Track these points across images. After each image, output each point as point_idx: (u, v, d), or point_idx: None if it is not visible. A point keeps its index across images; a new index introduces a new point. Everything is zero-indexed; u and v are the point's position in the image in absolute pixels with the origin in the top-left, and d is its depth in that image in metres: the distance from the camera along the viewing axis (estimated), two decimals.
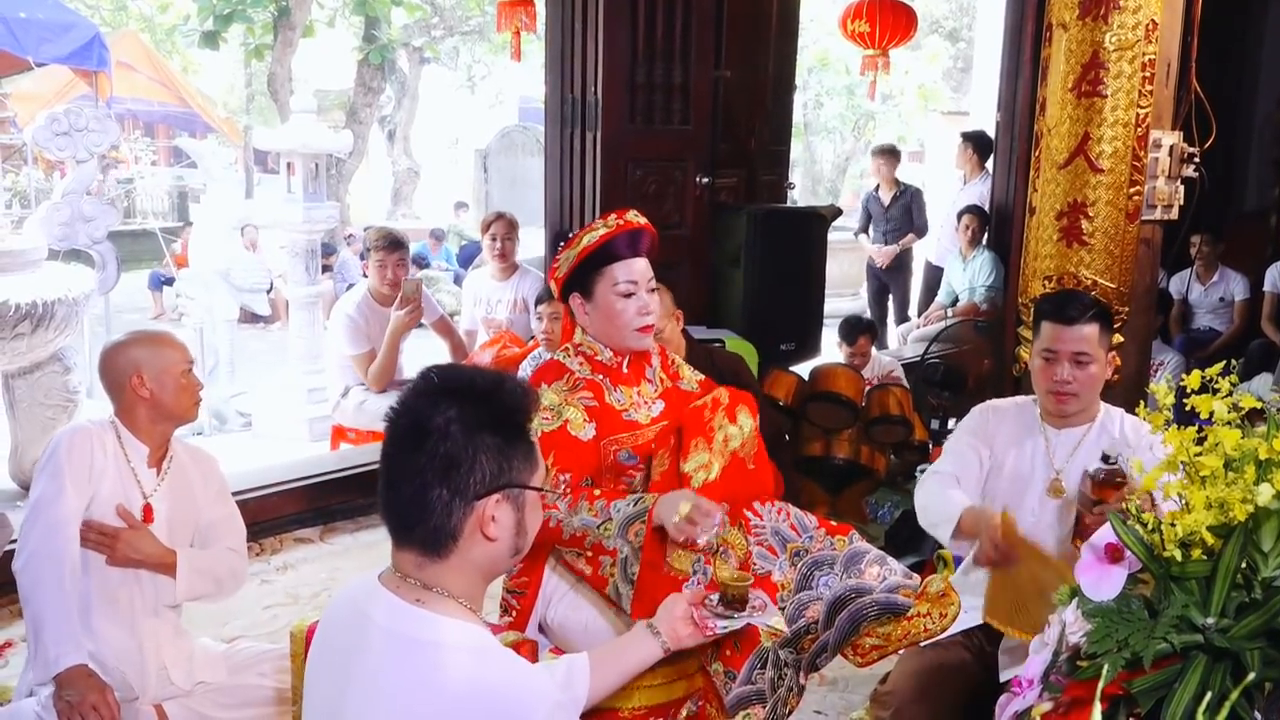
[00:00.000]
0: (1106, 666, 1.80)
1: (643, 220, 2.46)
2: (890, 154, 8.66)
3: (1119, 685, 1.81)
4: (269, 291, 10.12)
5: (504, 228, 5.43)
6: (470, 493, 1.44)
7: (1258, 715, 1.72)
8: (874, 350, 5.75)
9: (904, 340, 7.37)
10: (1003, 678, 2.65)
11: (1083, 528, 2.47)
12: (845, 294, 11.41)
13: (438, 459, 1.42)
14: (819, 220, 5.76)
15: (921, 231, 8.51)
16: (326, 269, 9.88)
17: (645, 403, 2.50)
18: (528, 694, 1.43)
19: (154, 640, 2.59)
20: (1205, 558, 1.88)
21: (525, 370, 4.53)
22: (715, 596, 2.06)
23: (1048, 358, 2.69)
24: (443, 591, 1.47)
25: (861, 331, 5.67)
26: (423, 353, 5.57)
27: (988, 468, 2.83)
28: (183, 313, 7.54)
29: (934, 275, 7.93)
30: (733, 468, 2.35)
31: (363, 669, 1.43)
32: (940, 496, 2.76)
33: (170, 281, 10.23)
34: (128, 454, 2.56)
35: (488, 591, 1.61)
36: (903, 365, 5.88)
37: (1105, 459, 2.47)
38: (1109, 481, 2.43)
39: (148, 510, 2.56)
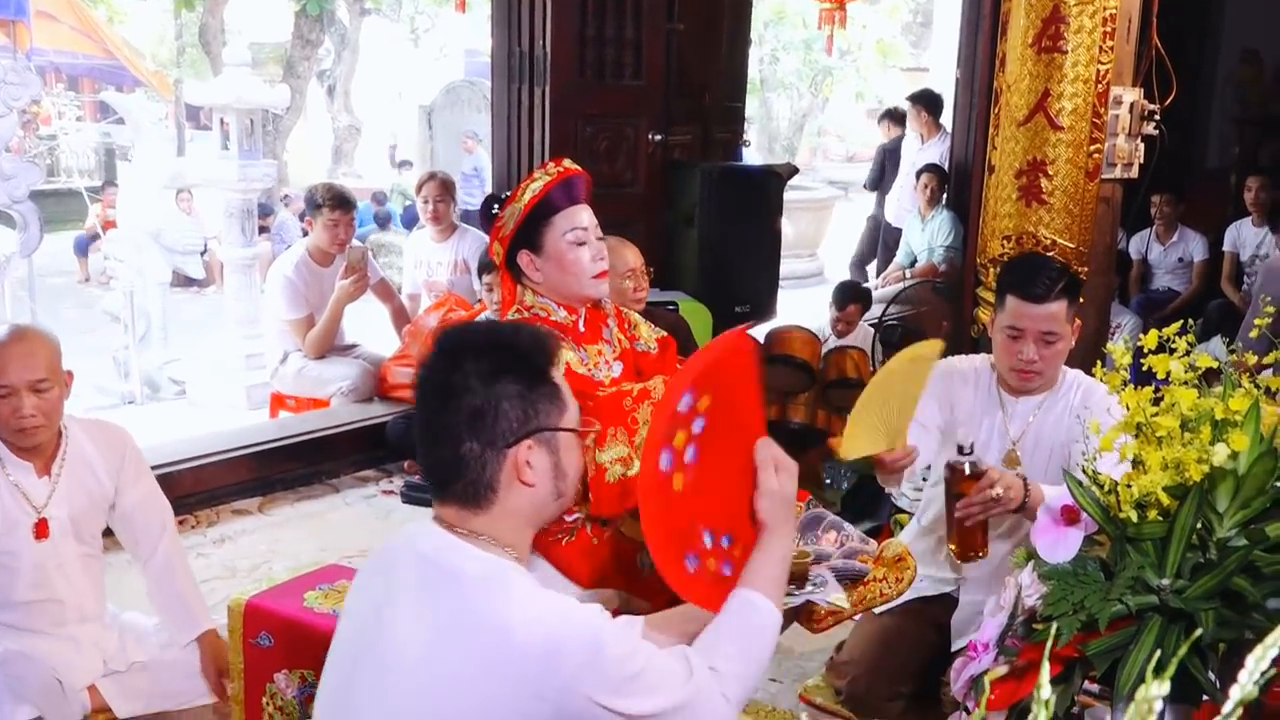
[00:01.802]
0: (1059, 627, 1.84)
1: (577, 167, 2.45)
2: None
3: (1074, 648, 1.85)
4: (203, 254, 9.98)
5: (437, 189, 5.38)
6: (500, 441, 1.49)
7: (1212, 676, 1.77)
8: (862, 321, 5.79)
9: None
10: (957, 644, 2.70)
11: (950, 520, 2.49)
12: (803, 255, 11.45)
13: (463, 413, 1.47)
14: (775, 179, 5.77)
15: None
16: (264, 230, 9.74)
17: (605, 363, 2.50)
18: (578, 621, 1.44)
19: (79, 640, 2.58)
20: (1161, 519, 1.92)
21: None
22: None
23: (1013, 335, 2.65)
24: (489, 540, 1.51)
25: (854, 298, 5.68)
26: (362, 317, 5.52)
27: (943, 430, 2.86)
28: (111, 276, 7.42)
29: (892, 236, 7.98)
30: None
31: (406, 598, 1.47)
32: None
33: (95, 241, 10.04)
34: (8, 472, 2.47)
35: None
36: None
37: (960, 450, 2.46)
38: (968, 474, 2.44)
39: (41, 526, 2.48)
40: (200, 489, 4.51)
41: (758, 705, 3.05)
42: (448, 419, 1.49)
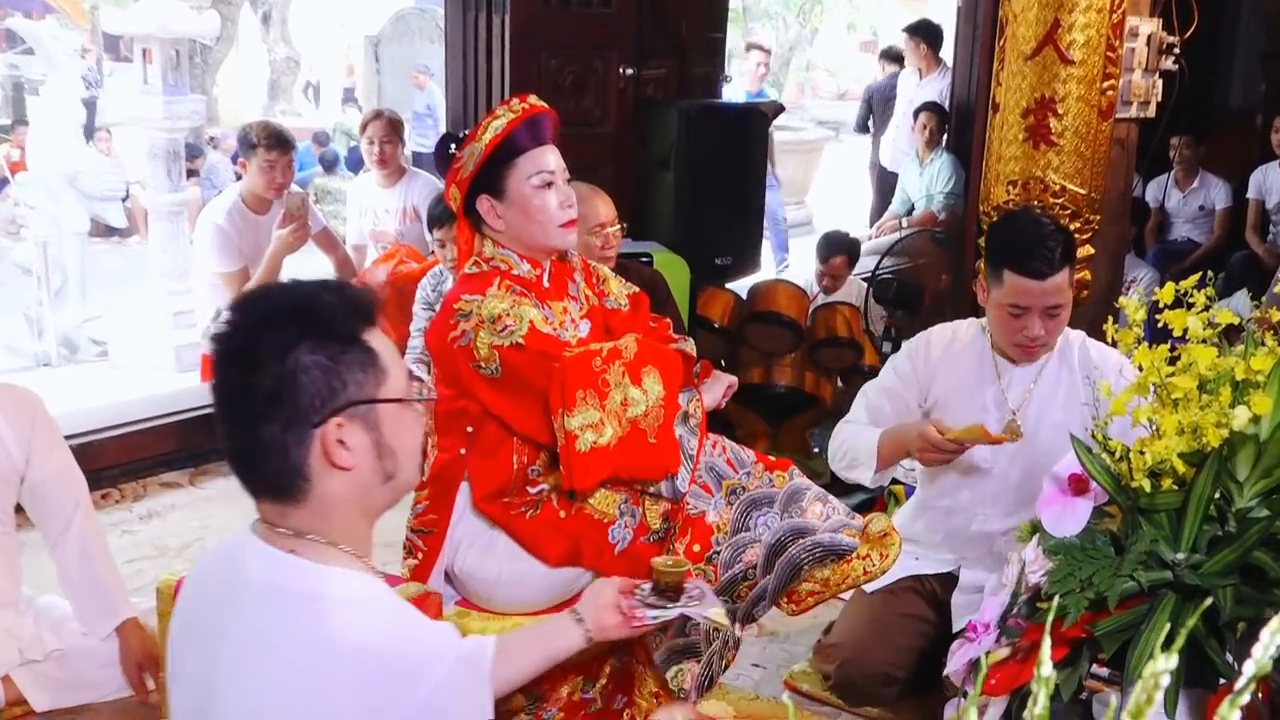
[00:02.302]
0: (1065, 606, 1.86)
1: (543, 104, 2.44)
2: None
3: (1082, 628, 1.88)
4: (125, 200, 9.87)
5: (383, 128, 5.33)
6: (304, 421, 1.42)
7: (1230, 657, 1.80)
8: (851, 275, 5.79)
9: None
10: (957, 626, 2.73)
11: None
12: (790, 202, 11.44)
13: (259, 392, 1.41)
14: (759, 118, 5.75)
15: None
16: (192, 174, 9.64)
17: (572, 321, 2.50)
18: (422, 648, 1.43)
19: None
20: (1176, 488, 1.95)
21: (426, 288, 4.49)
22: (647, 585, 2.09)
23: (1015, 313, 2.67)
24: (318, 538, 1.46)
25: (838, 249, 5.68)
26: (303, 270, 5.49)
27: (923, 413, 2.88)
28: (21, 225, 7.33)
29: (888, 181, 7.98)
30: (631, 439, 2.32)
31: (238, 627, 1.42)
32: (855, 435, 2.84)
33: (3, 187, 9.92)
34: None
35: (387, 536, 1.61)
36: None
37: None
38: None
39: None
40: (125, 460, 4.49)
41: (739, 693, 3.09)
42: (243, 399, 1.43)
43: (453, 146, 2.45)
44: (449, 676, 1.46)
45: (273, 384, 1.41)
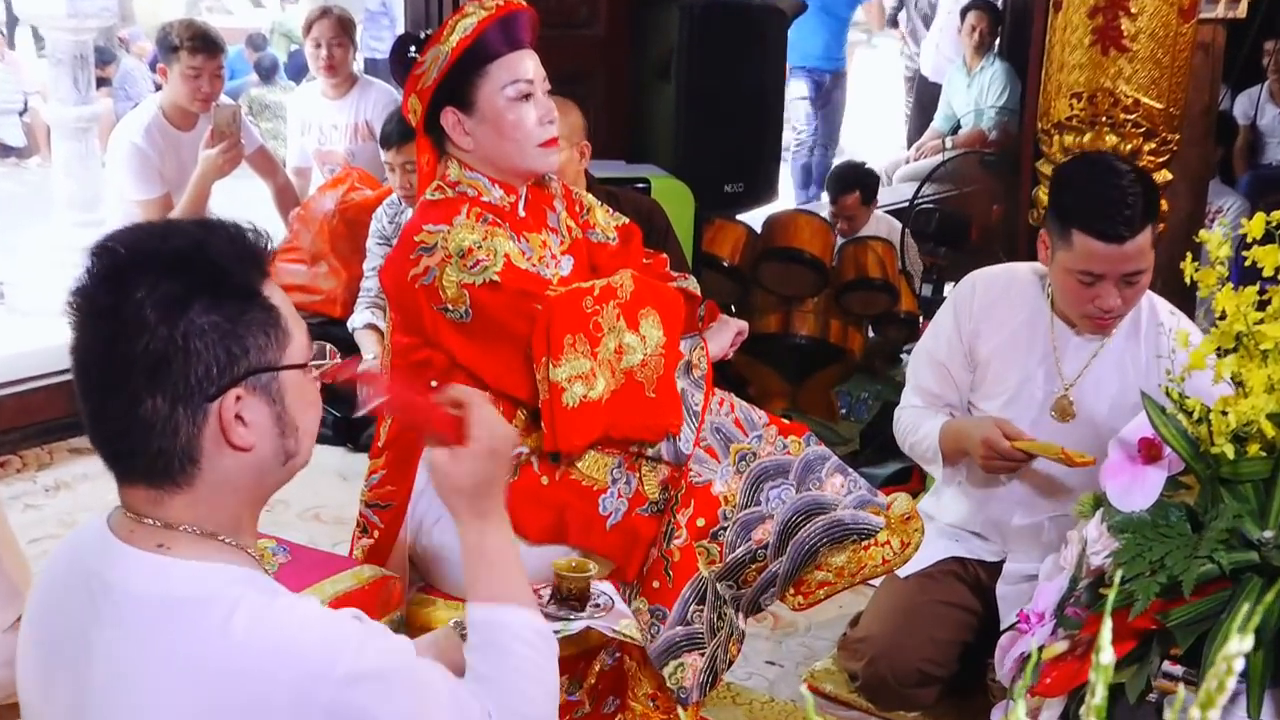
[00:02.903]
0: (1133, 592, 1.88)
1: (520, 0, 2.43)
2: None
3: (1152, 618, 1.90)
4: (23, 114, 9.82)
5: (331, 29, 5.30)
6: (197, 395, 1.39)
7: None
8: (875, 212, 5.77)
9: (888, 179, 7.41)
10: (1006, 619, 2.75)
11: None
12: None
13: (138, 360, 1.36)
14: (777, 17, 5.72)
15: None
16: (103, 83, 9.58)
17: (552, 257, 2.51)
18: (321, 647, 1.39)
19: None
20: (1264, 455, 1.96)
21: (381, 219, 4.48)
22: (546, 591, 2.11)
23: (1086, 281, 2.62)
24: (192, 528, 1.43)
25: (849, 184, 5.67)
26: (235, 197, 5.47)
27: (971, 375, 2.89)
28: None
29: (929, 94, 7.96)
30: (626, 393, 2.34)
31: (105, 646, 1.40)
32: (916, 430, 2.86)
33: None
34: None
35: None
36: (887, 213, 5.92)
37: None
38: None
39: None
40: (26, 422, 4.50)
41: (751, 695, 3.12)
42: (118, 369, 1.37)
43: (413, 50, 2.44)
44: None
45: (159, 351, 1.36)
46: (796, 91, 8.21)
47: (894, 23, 8.82)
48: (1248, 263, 2.08)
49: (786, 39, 5.80)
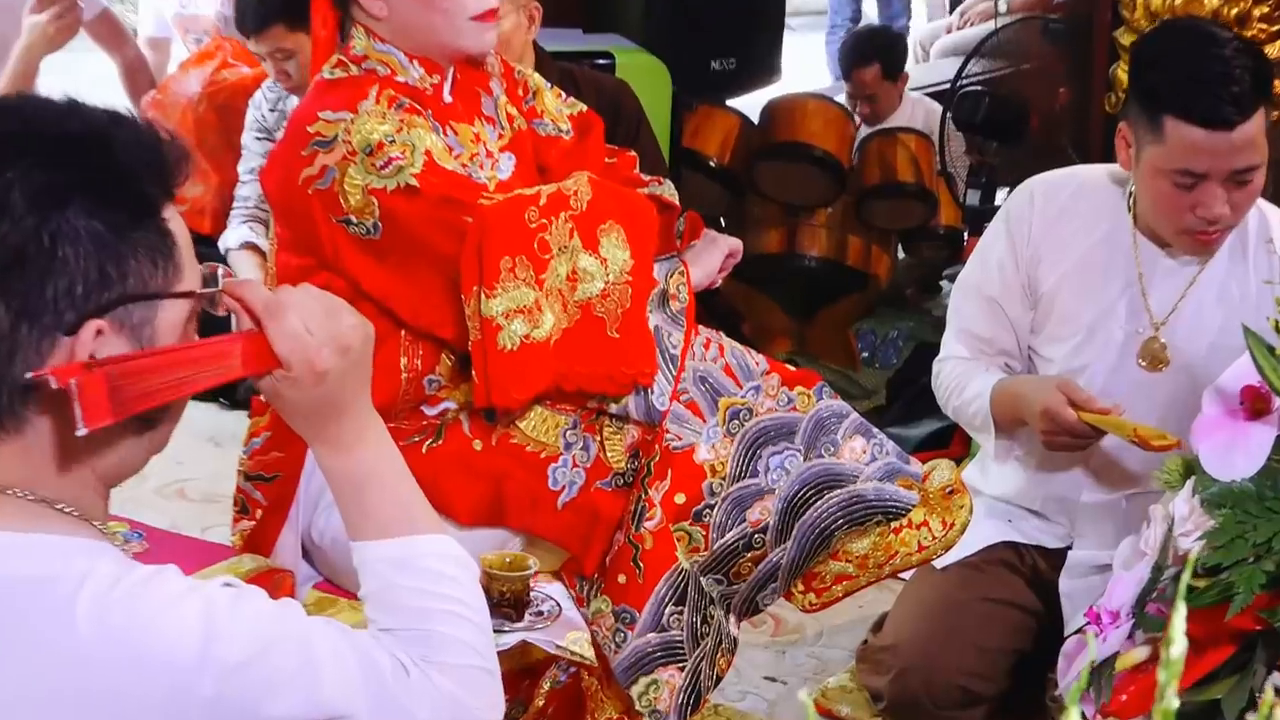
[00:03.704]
0: (1232, 583, 1.89)
1: None
2: None
3: (1254, 615, 1.92)
4: None
5: None
6: (48, 315, 1.38)
7: None
8: (908, 94, 5.75)
9: (924, 54, 7.39)
10: (1072, 620, 2.77)
11: None
12: None
13: None
14: None
15: None
16: None
17: (487, 155, 2.50)
18: (188, 631, 1.40)
19: None
20: None
21: (261, 106, 4.45)
22: None
23: (1184, 184, 2.58)
24: (24, 494, 1.44)
25: (866, 55, 5.65)
26: (72, 76, 5.42)
27: (1032, 313, 2.86)
28: None
29: None
30: (582, 332, 2.34)
31: None
32: (962, 390, 2.84)
33: None
34: None
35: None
36: (925, 94, 5.90)
37: None
38: None
39: None
40: None
41: (744, 719, 3.15)
42: None
43: None
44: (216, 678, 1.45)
45: (15, 245, 1.36)
46: None
47: None
48: None
49: None
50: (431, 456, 2.40)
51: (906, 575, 2.87)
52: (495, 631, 1.90)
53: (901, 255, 5.09)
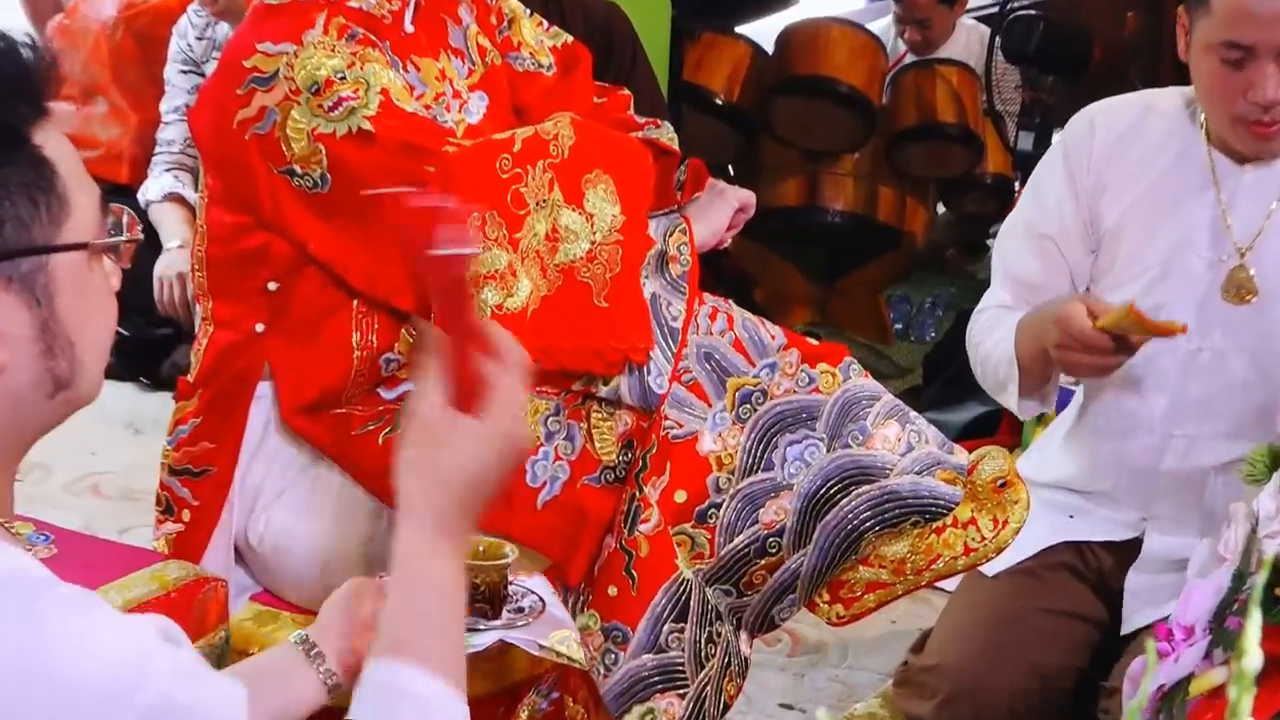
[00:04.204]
0: None
1: None
2: None
3: None
4: None
5: None
6: None
7: None
8: (961, 19, 5.73)
9: None
10: (1130, 619, 2.80)
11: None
12: None
13: None
14: None
15: None
16: None
17: (455, 94, 2.51)
18: (115, 669, 1.39)
19: None
20: None
21: (187, 35, 4.44)
22: None
23: (1231, 58, 2.60)
24: None
25: None
26: None
27: (1092, 256, 2.86)
28: None
29: None
30: (564, 300, 2.35)
31: None
32: (989, 335, 2.83)
33: None
34: None
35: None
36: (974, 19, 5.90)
37: None
38: None
39: None
40: None
41: None
42: None
43: None
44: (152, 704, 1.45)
45: None
46: None
47: None
48: None
49: None
50: (389, 447, 2.36)
51: (950, 584, 2.88)
52: (468, 630, 1.90)
53: (941, 209, 5.09)
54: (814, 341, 2.57)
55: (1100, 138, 2.83)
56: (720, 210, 2.63)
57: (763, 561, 2.43)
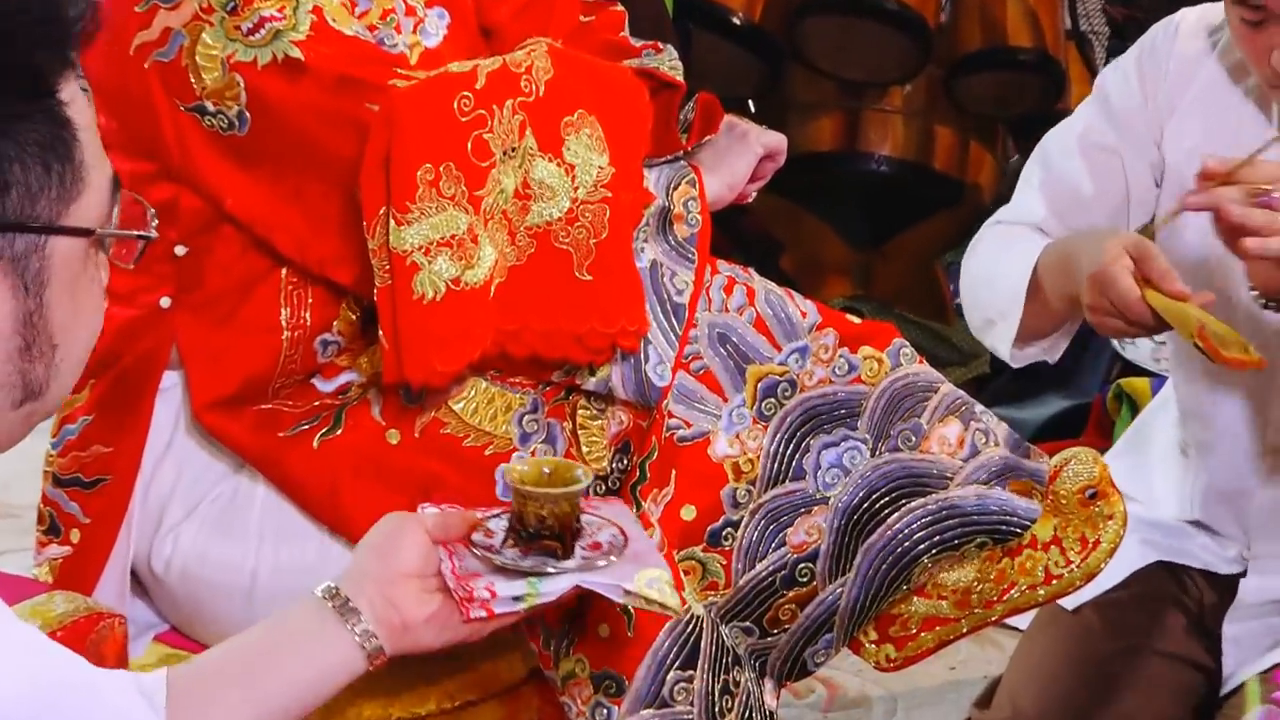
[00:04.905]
0: None
1: None
2: None
3: None
4: None
5: None
6: None
7: None
8: None
9: None
10: (1233, 675, 2.80)
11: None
12: None
13: None
14: None
15: None
16: None
17: (407, 12, 2.50)
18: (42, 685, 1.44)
19: None
20: None
21: None
22: (498, 519, 2.01)
23: (1250, 19, 2.63)
24: None
25: None
26: None
27: (1143, 186, 2.86)
28: None
29: None
30: (538, 269, 2.35)
31: None
32: (998, 255, 2.82)
33: None
34: None
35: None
36: None
37: None
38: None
39: None
40: None
41: None
42: None
43: None
44: None
45: None
46: None
47: None
48: None
49: None
50: (326, 453, 2.40)
51: (1022, 621, 2.87)
52: (533, 574, 1.94)
53: (1013, 156, 5.10)
54: (855, 320, 2.55)
55: (1181, 47, 2.85)
56: (740, 157, 2.62)
57: (791, 593, 2.42)
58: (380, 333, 2.30)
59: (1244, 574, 2.85)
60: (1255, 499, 2.83)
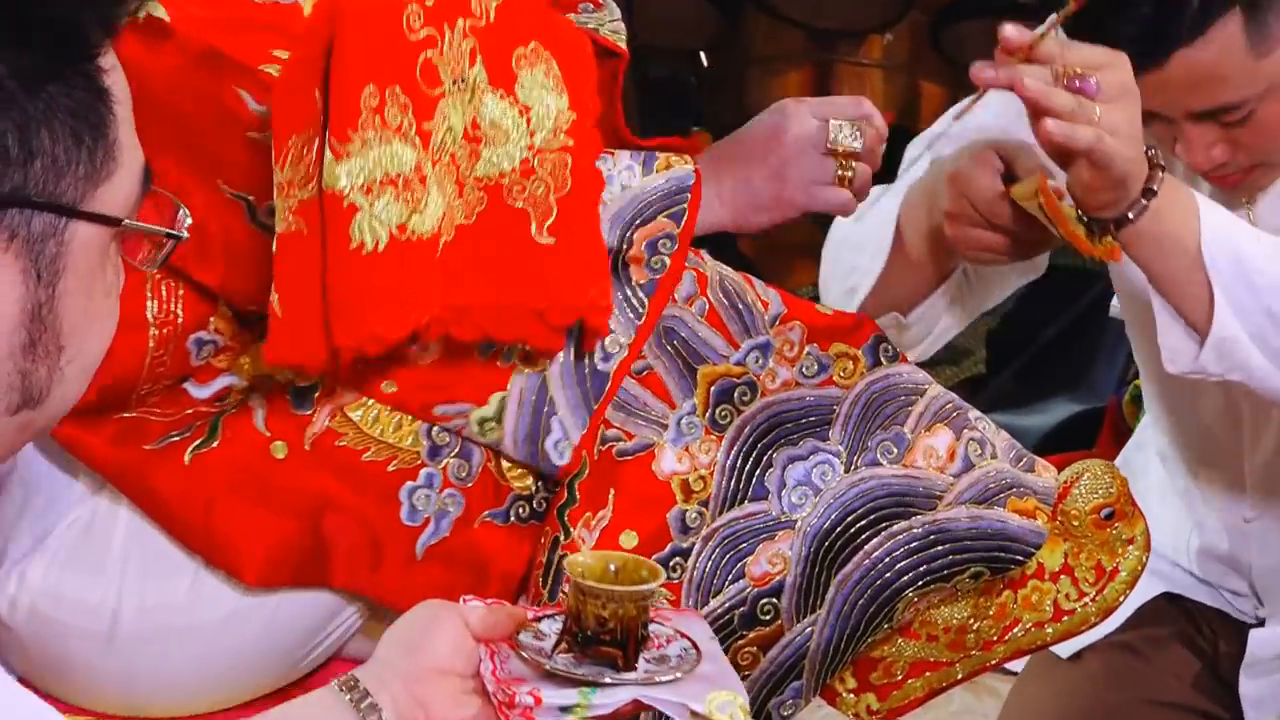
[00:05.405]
0: None
1: None
2: None
3: None
4: None
5: None
6: None
7: None
8: None
9: None
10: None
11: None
12: None
13: None
14: None
15: None
16: None
17: None
18: None
19: None
20: None
21: None
22: (550, 621, 2.00)
23: (1158, 124, 2.71)
24: None
25: None
26: None
27: None
28: None
29: None
30: (487, 229, 2.29)
31: None
32: (870, 212, 2.85)
33: None
34: None
35: None
36: None
37: None
38: None
39: None
40: None
41: None
42: None
43: None
44: None
45: None
46: None
47: None
48: None
49: None
50: (200, 468, 2.38)
51: (1017, 666, 2.88)
52: (586, 684, 1.94)
53: None
54: (826, 311, 2.54)
55: None
56: (805, 159, 2.62)
57: (752, 633, 2.40)
58: (273, 297, 2.21)
59: (1260, 622, 2.86)
60: (1254, 568, 2.85)
